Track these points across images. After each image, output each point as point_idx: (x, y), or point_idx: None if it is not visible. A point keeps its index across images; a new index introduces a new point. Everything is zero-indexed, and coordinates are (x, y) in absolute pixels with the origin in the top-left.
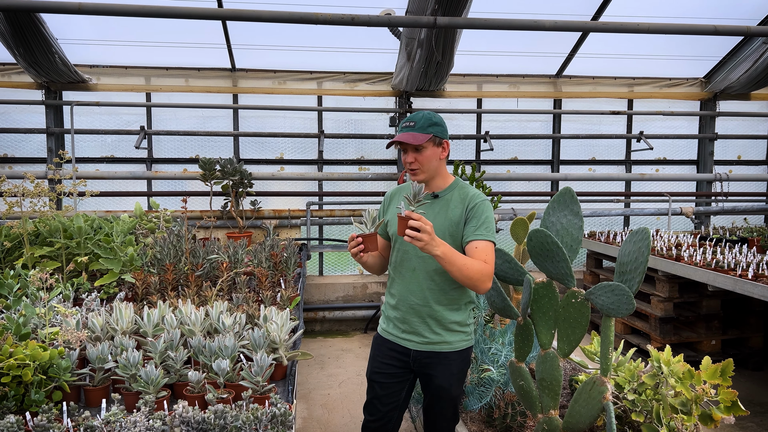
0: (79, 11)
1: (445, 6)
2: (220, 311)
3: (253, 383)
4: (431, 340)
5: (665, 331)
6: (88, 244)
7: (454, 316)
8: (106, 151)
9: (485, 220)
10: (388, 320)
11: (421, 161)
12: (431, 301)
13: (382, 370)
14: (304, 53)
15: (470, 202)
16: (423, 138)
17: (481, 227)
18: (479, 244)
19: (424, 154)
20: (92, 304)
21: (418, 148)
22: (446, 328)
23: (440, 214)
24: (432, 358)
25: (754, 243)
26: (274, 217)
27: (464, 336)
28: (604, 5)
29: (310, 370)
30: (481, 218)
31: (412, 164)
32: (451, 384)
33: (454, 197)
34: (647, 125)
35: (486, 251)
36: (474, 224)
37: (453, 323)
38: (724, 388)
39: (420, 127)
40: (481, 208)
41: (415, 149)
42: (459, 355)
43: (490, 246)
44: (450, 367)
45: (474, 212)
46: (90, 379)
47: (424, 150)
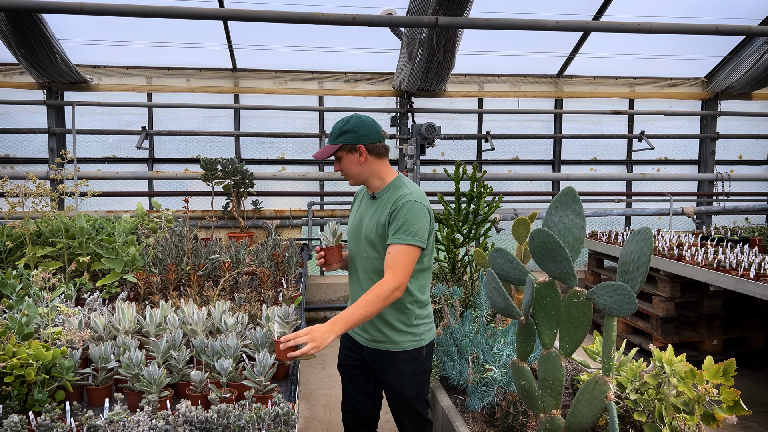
0: (81, 11)
1: (446, 6)
2: (223, 311)
3: (256, 383)
4: (377, 338)
5: (667, 330)
6: (90, 244)
7: (394, 314)
8: (108, 152)
9: (404, 222)
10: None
11: (343, 169)
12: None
13: (346, 362)
14: (306, 53)
15: (395, 204)
16: (331, 149)
17: (399, 230)
18: (392, 249)
19: (343, 163)
20: (94, 303)
21: (337, 157)
22: (391, 327)
23: (374, 216)
24: (381, 357)
25: (756, 243)
26: (275, 217)
27: (412, 337)
28: (606, 5)
29: (312, 370)
30: (400, 221)
31: (341, 173)
32: (403, 384)
33: (387, 198)
34: (648, 125)
35: (395, 256)
36: (393, 227)
37: (396, 322)
38: (727, 387)
39: (332, 138)
40: (403, 210)
41: (336, 159)
42: (407, 355)
43: (402, 250)
44: (399, 368)
45: (396, 214)
46: (93, 379)
47: (342, 159)
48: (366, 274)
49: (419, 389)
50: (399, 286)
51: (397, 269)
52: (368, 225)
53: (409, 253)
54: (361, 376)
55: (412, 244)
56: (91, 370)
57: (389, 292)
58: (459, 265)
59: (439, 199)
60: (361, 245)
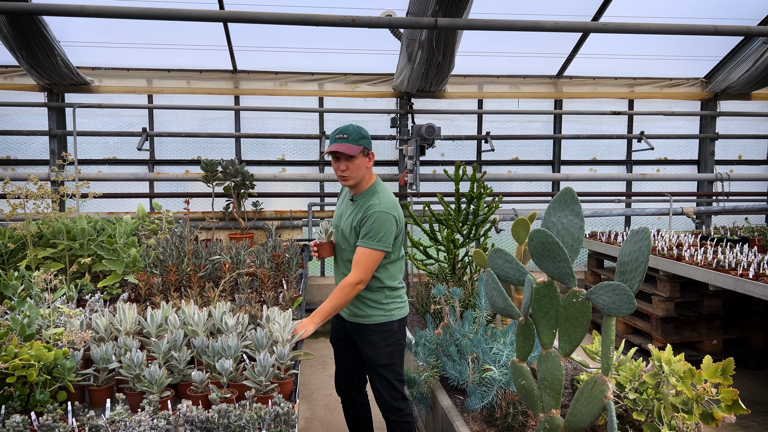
0: (82, 14)
1: (445, 7)
2: (223, 312)
3: (256, 383)
4: (354, 312)
5: (666, 330)
6: (91, 245)
7: (368, 294)
8: (109, 153)
9: (371, 230)
10: None
11: (352, 169)
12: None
13: (336, 335)
14: (305, 55)
15: (365, 213)
16: (356, 149)
17: (366, 236)
18: (358, 250)
19: (354, 163)
20: (96, 305)
21: (351, 157)
22: (365, 304)
23: (350, 217)
24: (357, 330)
25: (755, 243)
26: (275, 218)
27: (382, 312)
28: (605, 6)
29: (313, 371)
30: (367, 228)
31: (344, 171)
32: (375, 353)
33: (362, 204)
34: (648, 125)
35: (360, 257)
36: (362, 232)
37: (369, 300)
38: (725, 387)
39: (353, 140)
40: (371, 219)
41: (347, 158)
42: (379, 327)
43: (366, 253)
44: (371, 338)
45: (365, 221)
46: (94, 380)
47: (355, 159)
48: (343, 262)
49: (390, 359)
50: (360, 282)
51: (360, 268)
52: (345, 223)
53: (372, 255)
54: (348, 347)
55: (375, 248)
56: (93, 371)
57: (351, 287)
58: (459, 266)
59: (439, 199)
60: (340, 237)
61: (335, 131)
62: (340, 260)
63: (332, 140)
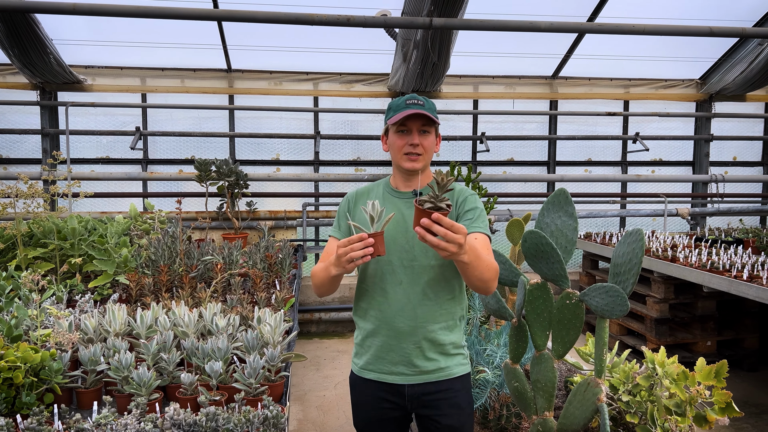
0: (74, 12)
1: (440, 7)
2: (214, 313)
3: (246, 385)
4: (426, 368)
5: (661, 332)
6: (82, 245)
7: (450, 336)
8: (102, 152)
9: (480, 213)
10: (365, 352)
11: (425, 146)
12: (425, 321)
13: (379, 417)
14: (300, 54)
15: (459, 196)
16: (435, 119)
17: (477, 220)
18: (479, 236)
19: (428, 140)
20: (86, 305)
21: (424, 132)
22: (442, 351)
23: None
24: (432, 393)
25: (750, 244)
26: (269, 218)
27: (462, 359)
28: (600, 6)
29: (306, 372)
30: (475, 211)
31: (416, 148)
32: (463, 422)
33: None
34: (643, 126)
35: (486, 243)
36: (469, 217)
37: (449, 345)
38: (719, 389)
39: (429, 108)
40: (473, 201)
41: (422, 130)
42: (462, 383)
43: (488, 240)
44: (456, 400)
45: (466, 205)
46: (82, 381)
47: (429, 136)
48: (420, 288)
49: (472, 428)
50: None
51: (492, 255)
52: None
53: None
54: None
55: (490, 237)
56: (81, 373)
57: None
58: None
59: None
60: (417, 251)
61: (400, 99)
62: (412, 285)
63: (399, 106)
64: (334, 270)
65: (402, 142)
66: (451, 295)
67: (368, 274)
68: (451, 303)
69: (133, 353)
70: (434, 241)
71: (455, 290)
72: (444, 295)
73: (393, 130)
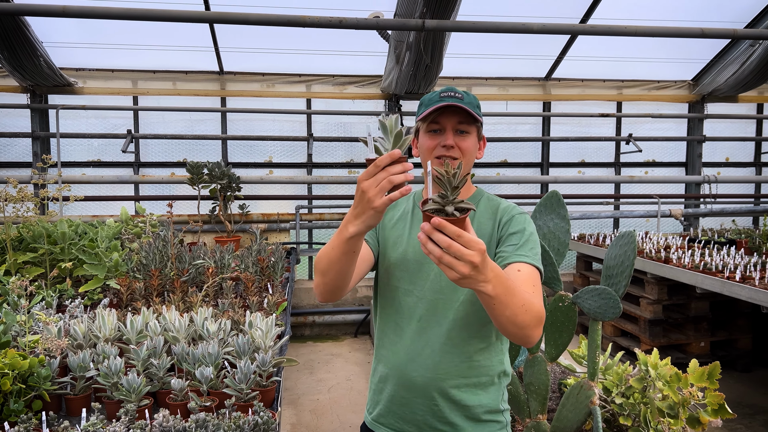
0: (64, 14)
1: (433, 9)
2: (205, 317)
3: (237, 391)
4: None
5: (654, 333)
6: (72, 249)
7: (481, 396)
8: (93, 155)
9: (529, 237)
10: (379, 400)
11: (463, 149)
12: (447, 373)
13: None
14: (293, 56)
15: (504, 214)
16: (476, 116)
17: (524, 246)
18: (524, 267)
19: (467, 141)
20: (76, 310)
21: (463, 132)
22: (469, 415)
23: None
24: None
25: (742, 245)
26: (262, 221)
27: (497, 427)
28: (593, 8)
29: (300, 375)
30: (523, 234)
31: (450, 150)
32: None
33: (480, 210)
34: (636, 128)
35: (533, 279)
36: (514, 242)
37: (479, 408)
38: (711, 390)
39: (469, 103)
40: (521, 222)
41: (457, 130)
42: None
43: (537, 274)
44: None
45: (512, 226)
46: (71, 388)
47: (468, 137)
48: (444, 329)
49: None
50: (542, 319)
51: (539, 295)
52: None
53: (539, 281)
54: None
55: (541, 270)
56: (70, 379)
57: (541, 319)
58: None
59: None
60: (446, 281)
61: (434, 92)
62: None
63: (432, 100)
64: (353, 225)
65: (433, 143)
66: (485, 344)
67: (383, 298)
68: (484, 354)
69: (123, 359)
70: (437, 252)
71: (491, 337)
72: (475, 342)
73: (423, 129)
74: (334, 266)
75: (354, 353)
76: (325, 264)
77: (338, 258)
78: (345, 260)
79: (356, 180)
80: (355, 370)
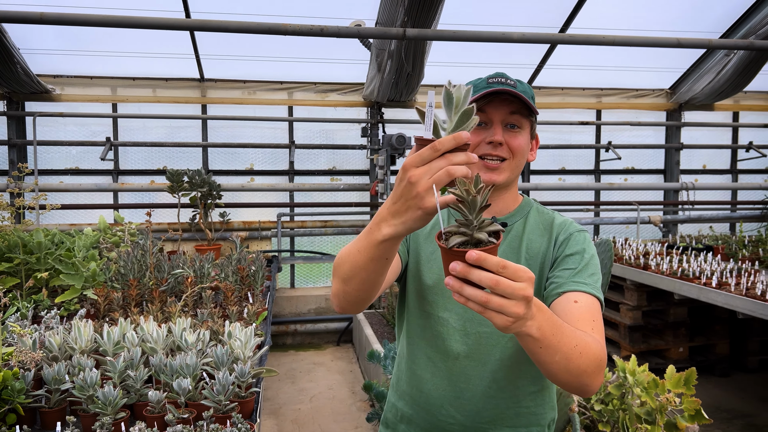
0: (42, 21)
1: (414, 18)
2: (183, 328)
3: (215, 402)
4: None
5: (634, 339)
6: (48, 259)
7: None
8: (71, 163)
9: (590, 261)
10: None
11: (514, 148)
12: (492, 422)
13: None
14: (275, 63)
15: (561, 232)
16: (532, 106)
17: (583, 272)
18: (582, 298)
19: (519, 139)
20: (51, 321)
21: (515, 125)
22: None
23: (509, 252)
24: None
25: (719, 251)
26: (243, 228)
27: None
28: (572, 17)
29: (281, 385)
30: (583, 257)
31: (497, 148)
32: None
33: (530, 224)
34: (616, 135)
35: (593, 312)
36: (572, 266)
37: None
38: (688, 396)
39: (523, 92)
40: (581, 242)
41: (507, 125)
42: None
43: (597, 306)
44: None
45: (569, 246)
46: (46, 401)
47: (521, 133)
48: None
49: None
50: (604, 362)
51: (600, 332)
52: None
53: (601, 313)
54: None
55: (602, 301)
56: (45, 392)
57: (603, 365)
58: None
59: None
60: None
61: (482, 78)
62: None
63: (478, 87)
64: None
65: (477, 139)
66: (538, 386)
67: (411, 324)
68: (536, 399)
69: (99, 371)
70: (480, 298)
71: (544, 378)
72: (526, 385)
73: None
74: (359, 273)
75: (336, 362)
76: (348, 269)
77: (365, 264)
78: (373, 267)
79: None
80: (337, 379)
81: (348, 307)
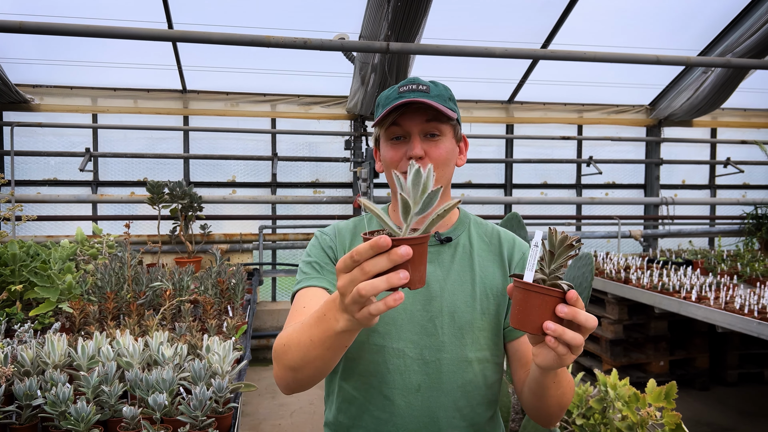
0: (21, 30)
1: (398, 32)
2: (161, 342)
3: (192, 418)
4: None
5: (615, 353)
6: (23, 271)
7: None
8: (49, 174)
9: None
10: None
11: (436, 158)
12: None
13: None
14: (258, 75)
15: (514, 250)
16: (451, 114)
17: None
18: None
19: (441, 147)
20: (25, 335)
21: (434, 133)
22: None
23: (462, 272)
24: None
25: (698, 265)
26: (225, 241)
27: None
28: (553, 34)
29: (262, 400)
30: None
31: (420, 162)
32: None
33: (474, 240)
34: (597, 150)
35: None
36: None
37: None
38: (669, 410)
39: (438, 96)
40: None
41: (425, 134)
42: None
43: None
44: None
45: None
46: (17, 417)
47: (442, 140)
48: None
49: None
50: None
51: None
52: (454, 294)
53: None
54: None
55: None
56: (15, 408)
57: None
58: None
59: None
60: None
61: (394, 87)
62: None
63: (389, 98)
64: (342, 320)
65: (397, 155)
66: (492, 410)
67: (355, 360)
68: (491, 423)
69: (73, 386)
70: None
71: (496, 401)
72: (483, 410)
73: (384, 138)
74: (313, 362)
75: None
76: (298, 358)
77: (320, 354)
78: (331, 356)
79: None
80: (318, 394)
81: (299, 390)
